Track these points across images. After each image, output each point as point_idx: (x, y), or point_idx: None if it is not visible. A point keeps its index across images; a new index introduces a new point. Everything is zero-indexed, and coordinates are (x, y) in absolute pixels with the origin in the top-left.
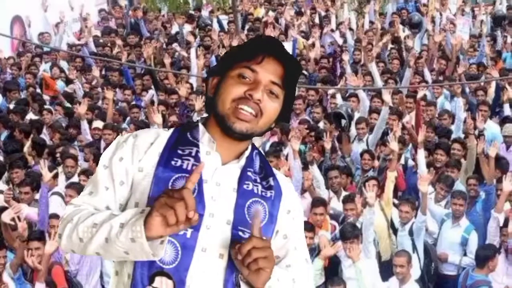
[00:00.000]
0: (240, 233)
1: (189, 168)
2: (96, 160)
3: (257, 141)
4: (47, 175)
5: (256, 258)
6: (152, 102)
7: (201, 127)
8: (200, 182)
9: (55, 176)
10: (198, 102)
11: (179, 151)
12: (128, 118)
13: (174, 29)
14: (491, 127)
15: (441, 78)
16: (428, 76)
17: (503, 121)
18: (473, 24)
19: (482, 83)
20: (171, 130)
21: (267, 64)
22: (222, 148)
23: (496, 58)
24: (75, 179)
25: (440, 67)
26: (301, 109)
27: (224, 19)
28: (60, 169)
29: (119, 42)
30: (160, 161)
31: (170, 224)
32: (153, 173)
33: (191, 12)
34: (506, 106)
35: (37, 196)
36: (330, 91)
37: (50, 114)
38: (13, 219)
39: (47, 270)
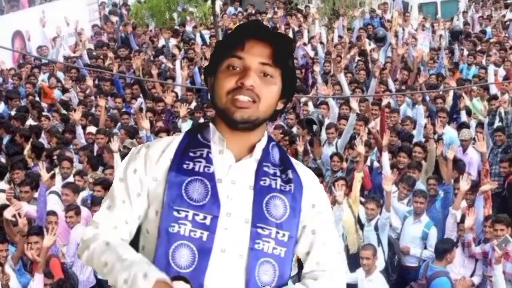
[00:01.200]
0: (259, 230)
1: (200, 170)
2: (90, 162)
3: None
4: (45, 175)
5: None
6: (140, 109)
7: (211, 126)
8: (213, 183)
9: (53, 177)
10: (183, 109)
11: (191, 154)
12: (119, 124)
13: (161, 42)
14: (449, 132)
15: (403, 87)
16: (391, 85)
17: (460, 126)
18: (433, 38)
19: (441, 92)
20: (183, 133)
21: (252, 47)
22: (234, 144)
23: (453, 69)
24: (70, 179)
25: (402, 77)
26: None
27: (206, 33)
28: (57, 170)
29: (110, 54)
30: (172, 166)
31: None
32: (165, 179)
33: (176, 27)
34: (463, 113)
35: (36, 194)
36: (303, 99)
37: (48, 120)
38: (14, 216)
39: (45, 262)
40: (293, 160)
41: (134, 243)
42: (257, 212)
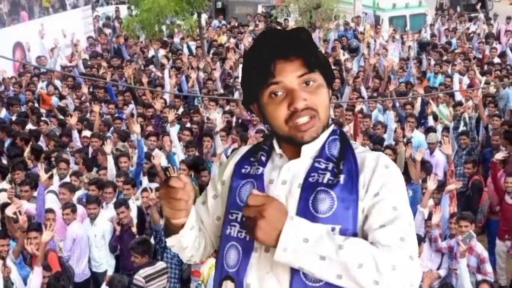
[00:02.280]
0: None
1: (253, 172)
2: (85, 163)
3: (218, 148)
4: (43, 176)
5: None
6: (132, 115)
7: (274, 140)
8: (260, 183)
9: (51, 177)
10: (171, 115)
11: (252, 159)
12: (112, 128)
13: (151, 53)
14: (417, 136)
15: (375, 94)
16: (364, 92)
17: (427, 130)
18: (402, 49)
19: (409, 99)
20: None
21: (283, 68)
22: (290, 146)
23: (421, 78)
24: (67, 179)
25: (374, 85)
26: (257, 121)
27: (193, 44)
28: (54, 171)
29: (104, 64)
30: (235, 171)
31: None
32: (229, 184)
33: (165, 39)
34: (430, 118)
35: (35, 194)
36: None
37: (46, 124)
38: (15, 213)
39: (44, 256)
40: (358, 149)
41: None
42: (302, 209)
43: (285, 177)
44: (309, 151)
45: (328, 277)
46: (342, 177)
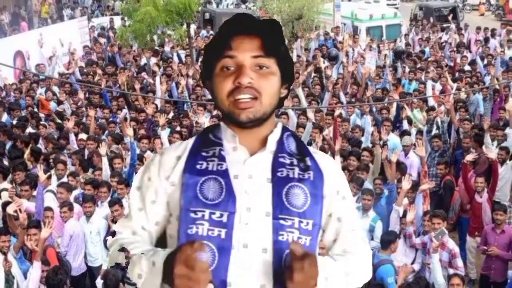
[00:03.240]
0: (282, 221)
1: (214, 168)
2: (81, 165)
3: None
4: (42, 176)
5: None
6: (125, 119)
7: (222, 125)
8: (228, 180)
9: (49, 177)
10: (162, 119)
11: (203, 154)
12: (106, 132)
13: (143, 61)
14: (393, 139)
15: (353, 99)
16: (343, 98)
17: (402, 134)
18: (379, 57)
19: (385, 104)
20: (196, 136)
21: (240, 44)
22: (246, 140)
23: (396, 84)
24: (64, 179)
25: (352, 91)
26: None
27: (182, 53)
28: (53, 171)
29: (99, 71)
30: (186, 168)
31: None
32: (181, 182)
33: (156, 48)
34: (405, 122)
35: (34, 193)
36: None
37: (45, 128)
38: (15, 211)
39: (43, 251)
40: (310, 148)
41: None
42: (277, 204)
43: (250, 171)
44: (270, 145)
45: None
46: (311, 174)
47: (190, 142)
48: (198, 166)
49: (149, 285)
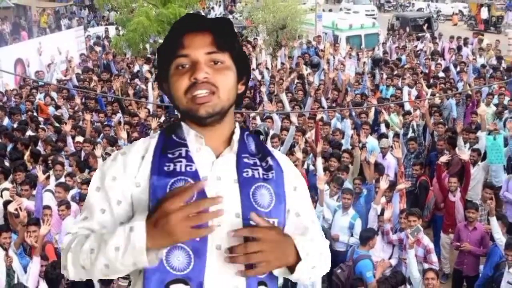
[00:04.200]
0: (251, 221)
1: (183, 169)
2: (78, 166)
3: None
4: (41, 176)
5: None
6: (119, 123)
7: (184, 125)
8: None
9: (48, 177)
10: (154, 123)
11: (169, 155)
12: (101, 134)
13: (136, 68)
14: (371, 141)
15: (334, 104)
16: (324, 103)
17: (380, 136)
18: (358, 64)
19: (364, 108)
20: (157, 135)
21: (192, 41)
22: (209, 140)
23: (375, 90)
24: (62, 179)
25: (333, 96)
26: None
27: None
28: (51, 172)
29: (94, 78)
30: (153, 169)
31: (197, 222)
32: (148, 184)
33: (148, 55)
34: (382, 126)
35: (34, 192)
36: (252, 114)
37: (44, 131)
38: (16, 209)
39: (42, 247)
40: (268, 146)
41: None
42: (246, 205)
43: (218, 173)
44: (233, 144)
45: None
46: (274, 173)
47: (152, 141)
48: (165, 168)
49: (132, 254)
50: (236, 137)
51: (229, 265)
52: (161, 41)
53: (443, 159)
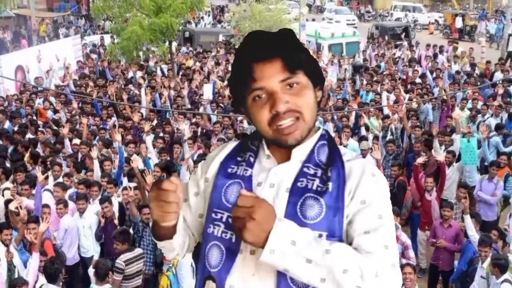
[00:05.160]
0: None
1: (240, 173)
2: (75, 166)
3: (186, 154)
4: (40, 177)
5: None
6: (114, 126)
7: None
8: (249, 185)
9: (46, 178)
10: (147, 126)
11: (238, 158)
12: (97, 137)
13: (130, 74)
14: (352, 143)
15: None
16: None
17: (360, 139)
18: (339, 71)
19: (345, 112)
20: (240, 139)
21: (262, 72)
22: (280, 149)
23: (355, 95)
24: (60, 180)
25: None
26: (219, 131)
27: (165, 67)
28: (49, 172)
29: (91, 83)
30: (220, 169)
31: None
32: (213, 181)
33: (142, 62)
34: (363, 129)
35: (33, 191)
36: (239, 118)
37: (42, 134)
38: (16, 208)
39: (41, 244)
40: (346, 156)
41: None
42: (290, 214)
43: (273, 180)
44: (299, 155)
45: (311, 280)
46: (330, 185)
47: (232, 144)
48: (229, 170)
49: (163, 244)
50: (302, 147)
51: (260, 271)
52: (153, 49)
53: (420, 160)
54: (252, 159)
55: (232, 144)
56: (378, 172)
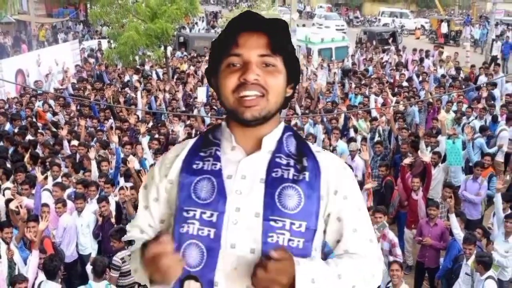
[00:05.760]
0: (272, 222)
1: (208, 168)
2: (73, 167)
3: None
4: (40, 177)
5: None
6: (111, 128)
7: (223, 125)
8: (220, 179)
9: (46, 178)
10: (142, 128)
11: (201, 154)
12: (95, 139)
13: (126, 78)
14: (341, 145)
15: (307, 111)
16: (298, 110)
17: (349, 140)
18: (329, 74)
19: (335, 115)
20: (198, 136)
21: (247, 41)
22: (244, 140)
23: (344, 98)
24: (59, 180)
25: (306, 104)
26: None
27: (160, 71)
28: (49, 173)
29: (88, 87)
30: (183, 167)
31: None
32: (178, 180)
33: (138, 66)
34: (351, 131)
35: (33, 191)
36: None
37: (42, 135)
38: (17, 207)
39: (40, 242)
40: (313, 147)
41: None
42: (268, 205)
43: (243, 171)
44: (268, 145)
45: None
46: (307, 174)
47: (191, 141)
48: (194, 166)
49: (141, 279)
50: (271, 137)
51: (242, 264)
52: (149, 53)
53: (407, 161)
54: (218, 153)
55: (191, 141)
56: (346, 165)
